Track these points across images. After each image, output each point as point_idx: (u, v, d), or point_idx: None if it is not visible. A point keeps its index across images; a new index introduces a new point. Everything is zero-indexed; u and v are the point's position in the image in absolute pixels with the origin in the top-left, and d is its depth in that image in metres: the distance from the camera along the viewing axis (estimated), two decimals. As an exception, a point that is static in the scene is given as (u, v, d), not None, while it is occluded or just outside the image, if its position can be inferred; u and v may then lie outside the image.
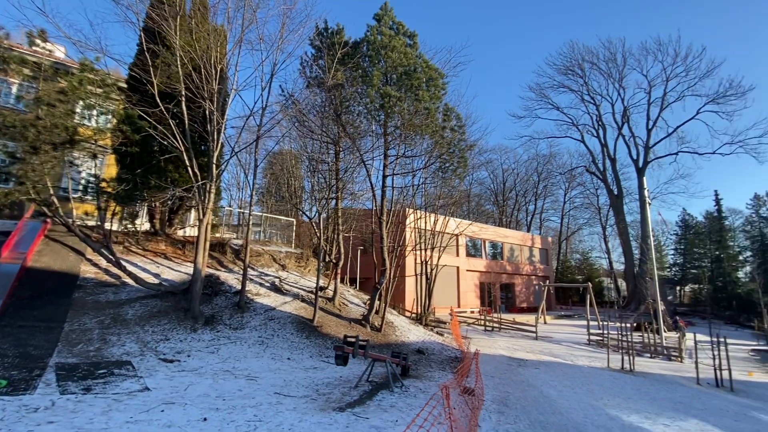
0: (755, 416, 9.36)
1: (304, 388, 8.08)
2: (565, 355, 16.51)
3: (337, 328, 14.31)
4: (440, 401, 4.43)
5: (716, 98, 38.32)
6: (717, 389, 12.19)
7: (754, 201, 45.15)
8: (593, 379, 12.17)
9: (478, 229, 33.85)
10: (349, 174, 16.00)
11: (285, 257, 19.80)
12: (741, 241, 46.09)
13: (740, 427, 8.28)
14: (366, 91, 13.05)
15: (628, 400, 9.80)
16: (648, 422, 7.89)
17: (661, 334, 19.22)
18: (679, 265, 48.97)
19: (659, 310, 19.42)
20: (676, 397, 10.64)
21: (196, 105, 13.05)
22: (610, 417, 8.03)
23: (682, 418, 8.44)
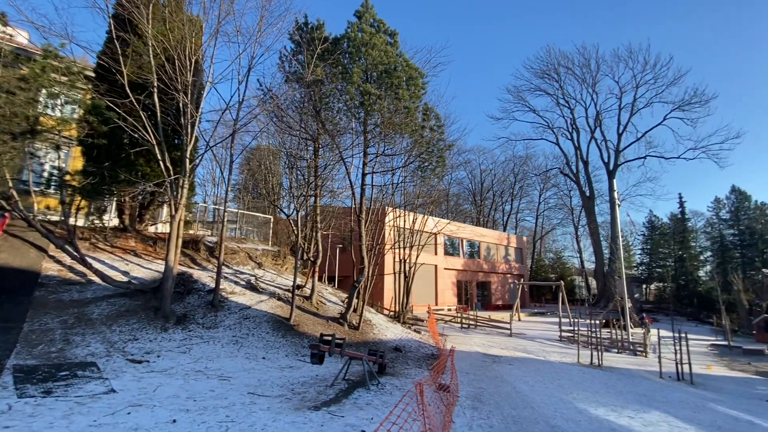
0: (713, 407, 9.91)
1: (279, 388, 7.96)
2: (537, 351, 16.97)
3: (315, 326, 14.19)
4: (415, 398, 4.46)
5: (682, 105, 40.25)
6: (678, 382, 12.83)
7: (715, 204, 47.83)
8: (564, 374, 12.56)
9: (456, 228, 34.31)
10: (328, 171, 15.88)
11: (261, 255, 19.46)
12: (702, 242, 48.69)
13: (699, 418, 8.74)
14: (346, 88, 12.94)
15: (596, 393, 10.17)
16: (614, 415, 8.22)
17: (627, 330, 20.05)
18: (646, 264, 51.25)
19: (626, 307, 20.26)
20: (640, 390, 11.13)
21: (169, 97, 12.61)
22: (579, 410, 8.32)
23: (645, 411, 8.83)
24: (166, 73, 12.25)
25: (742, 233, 44.26)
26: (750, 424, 8.61)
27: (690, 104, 39.83)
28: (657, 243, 49.83)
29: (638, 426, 7.57)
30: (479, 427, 6.54)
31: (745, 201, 45.15)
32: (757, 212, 44.14)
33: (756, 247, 42.18)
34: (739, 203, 45.38)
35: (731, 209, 45.92)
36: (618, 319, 22.00)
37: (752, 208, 44.59)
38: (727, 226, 46.09)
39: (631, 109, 42.57)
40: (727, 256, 44.23)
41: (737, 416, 9.21)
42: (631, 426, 7.52)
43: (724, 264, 42.86)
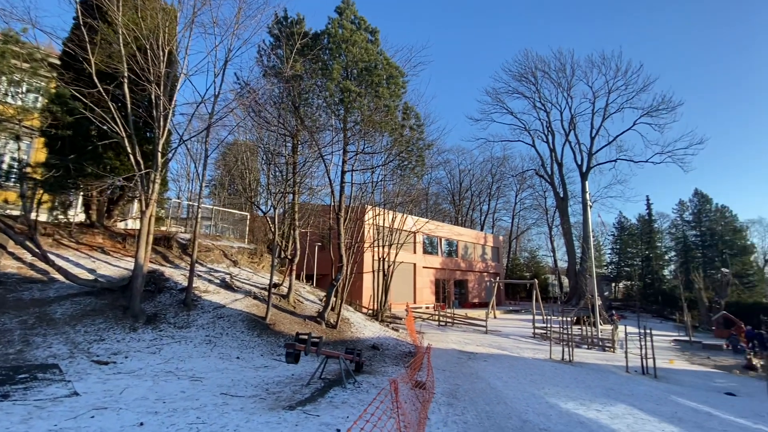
0: (674, 400, 10.40)
1: (254, 388, 7.82)
2: (512, 347, 17.36)
3: (291, 325, 14.01)
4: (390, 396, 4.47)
5: (650, 111, 42.04)
6: (643, 376, 13.40)
7: (679, 206, 50.23)
8: (536, 369, 12.90)
9: (435, 227, 34.64)
10: (306, 168, 15.67)
11: (237, 253, 19.06)
12: (667, 242, 51.04)
13: (661, 410, 9.16)
14: (325, 84, 12.80)
15: (566, 388, 10.50)
16: (582, 408, 8.51)
17: (597, 327, 20.79)
18: (615, 263, 53.27)
19: (596, 305, 20.99)
20: (608, 384, 11.56)
21: (141, 88, 12.14)
22: (550, 405, 8.56)
23: (612, 404, 9.18)
24: (137, 63, 11.78)
25: (703, 234, 46.68)
26: (708, 416, 9.09)
27: (658, 110, 41.70)
28: (626, 243, 51.90)
29: (605, 419, 7.86)
30: (454, 423, 6.63)
31: (707, 204, 47.61)
32: (717, 215, 46.62)
33: (716, 248, 44.56)
34: (701, 206, 47.82)
35: (694, 211, 48.34)
36: (588, 316, 22.78)
37: (713, 211, 47.07)
38: (690, 228, 48.52)
39: (603, 114, 44.17)
40: (689, 256, 46.55)
41: (697, 408, 9.71)
42: (599, 419, 7.80)
43: (687, 263, 45.09)
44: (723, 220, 45.88)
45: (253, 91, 12.64)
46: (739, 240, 44.22)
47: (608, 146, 44.93)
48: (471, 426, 6.59)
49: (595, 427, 7.22)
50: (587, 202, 25.98)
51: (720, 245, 44.36)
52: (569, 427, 7.10)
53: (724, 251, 43.48)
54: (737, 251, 43.20)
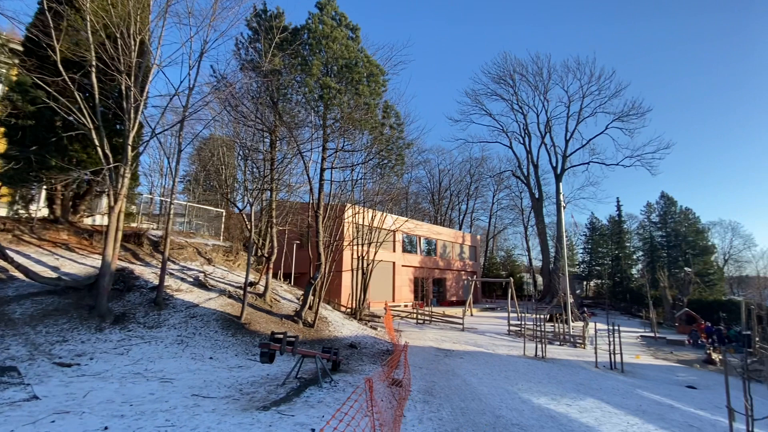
0: (639, 393, 10.86)
1: (227, 389, 7.65)
2: (487, 344, 17.68)
3: (268, 324, 13.79)
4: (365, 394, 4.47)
5: (621, 116, 43.68)
6: (611, 371, 13.93)
7: (646, 208, 52.48)
8: (510, 366, 13.19)
9: (414, 225, 34.85)
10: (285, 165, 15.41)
11: (212, 250, 18.59)
12: (635, 243, 53.19)
13: (627, 403, 9.55)
14: (305, 80, 12.61)
15: (539, 384, 10.79)
16: (554, 403, 8.76)
17: (569, 324, 21.44)
18: (587, 262, 55.13)
19: (568, 302, 21.65)
20: (578, 379, 11.95)
21: (110, 78, 11.63)
22: (523, 400, 8.77)
23: (581, 398, 9.50)
24: (106, 52, 11.27)
25: (668, 235, 48.92)
26: (670, 408, 9.54)
27: (628, 115, 43.37)
28: (597, 243, 53.81)
29: (575, 413, 8.12)
30: (429, 420, 6.69)
31: (672, 206, 49.93)
32: (681, 216, 48.96)
33: (680, 248, 46.80)
34: (667, 208, 50.10)
35: (660, 213, 50.60)
36: (561, 313, 23.49)
37: (678, 213, 49.41)
38: (657, 229, 50.75)
39: (577, 118, 45.57)
40: (655, 256, 48.73)
41: (660, 401, 10.18)
42: (569, 413, 8.05)
43: (653, 263, 47.19)
44: (687, 221, 48.22)
45: (229, 85, 12.31)
46: (701, 241, 46.61)
47: (582, 149, 46.48)
48: (446, 422, 6.67)
49: (565, 421, 7.44)
50: (561, 203, 26.73)
51: (683, 245, 46.60)
52: (540, 421, 7.29)
53: (687, 251, 45.72)
54: (699, 251, 45.51)
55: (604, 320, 25.57)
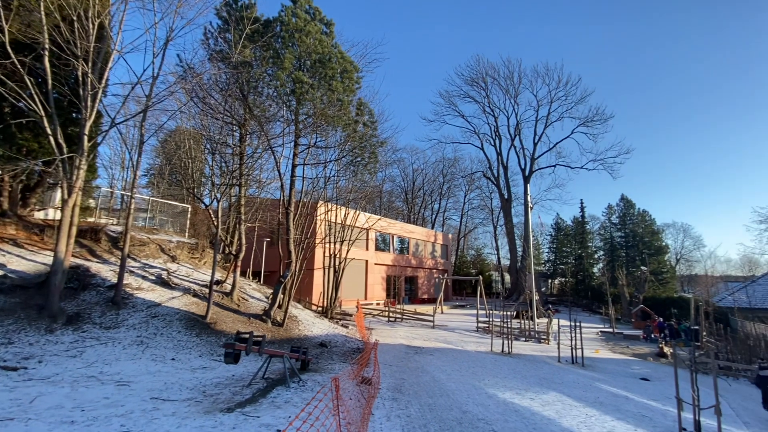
0: (598, 386, 11.38)
1: (189, 391, 7.38)
2: (456, 341, 18.01)
3: (235, 324, 13.42)
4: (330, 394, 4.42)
5: (586, 121, 45.57)
6: (572, 365, 14.52)
7: (608, 210, 55.07)
8: (478, 362, 13.49)
9: (387, 224, 34.95)
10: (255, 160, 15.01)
11: (176, 247, 17.86)
12: (597, 243, 55.72)
13: (586, 395, 9.99)
14: (276, 73, 12.30)
15: (505, 379, 11.09)
16: (518, 397, 9.03)
17: (534, 320, 22.20)
18: (552, 261, 57.25)
19: (534, 300, 22.41)
20: (541, 374, 12.39)
21: (65, 63, 10.90)
22: (489, 395, 8.99)
23: (544, 392, 9.85)
24: (62, 35, 10.56)
25: (627, 236, 51.61)
26: (625, 399, 10.06)
27: (592, 121, 45.32)
28: (561, 243, 56.02)
29: (537, 406, 8.41)
30: (397, 418, 6.72)
31: (631, 208, 52.69)
32: (639, 218, 51.76)
33: (637, 248, 49.49)
34: (626, 210, 52.80)
35: (620, 215, 53.25)
36: (527, 310, 24.27)
37: (636, 215, 52.19)
38: (616, 230, 53.38)
39: (545, 122, 47.14)
40: (615, 255, 51.30)
41: (616, 392, 10.72)
42: (532, 407, 8.32)
43: (613, 262, 49.67)
44: (643, 223, 51.02)
45: (197, 75, 11.82)
46: (656, 241, 49.48)
47: (549, 152, 48.14)
48: (414, 419, 6.72)
49: (528, 415, 7.69)
50: (528, 203, 27.62)
51: (640, 245, 49.31)
52: (505, 415, 7.50)
53: (644, 251, 48.42)
54: (654, 251, 48.31)
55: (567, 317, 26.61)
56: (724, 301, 33.88)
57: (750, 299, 33.07)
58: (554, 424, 7.22)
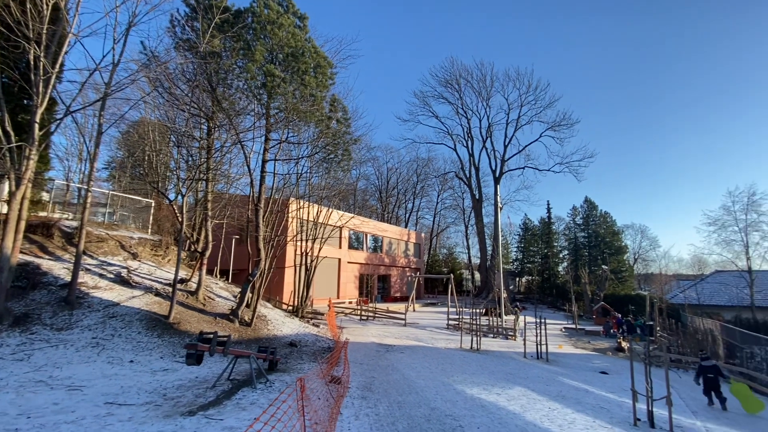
0: (560, 380, 11.82)
1: (148, 394, 7.04)
2: (427, 339, 18.21)
3: (200, 324, 12.95)
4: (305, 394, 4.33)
5: (554, 126, 47.25)
6: (537, 361, 15.02)
7: (572, 211, 57.37)
8: (447, 359, 13.70)
9: (360, 222, 34.82)
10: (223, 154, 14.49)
11: (138, 244, 17.03)
12: (562, 242, 57.95)
13: (549, 389, 10.35)
14: (246, 65, 11.90)
15: (473, 375, 11.31)
16: (485, 393, 9.23)
17: (502, 317, 22.80)
18: (520, 260, 59.09)
19: (502, 297, 23.01)
20: (508, 369, 12.73)
21: (15, 45, 10.10)
22: (457, 391, 9.13)
23: (510, 387, 10.12)
24: (11, 15, 9.78)
25: (590, 236, 53.99)
26: (586, 392, 10.51)
27: (560, 126, 47.06)
28: (529, 242, 57.94)
29: (503, 401, 8.62)
30: (366, 416, 6.69)
31: (594, 210, 55.15)
32: (601, 219, 54.26)
33: (599, 248, 51.87)
34: (589, 211, 55.21)
35: (583, 216, 55.63)
36: (496, 307, 24.89)
37: (598, 216, 54.67)
38: (580, 230, 55.74)
39: (516, 125, 48.49)
40: (578, 255, 53.56)
41: (577, 386, 11.17)
42: (498, 402, 8.53)
43: (576, 261, 51.86)
44: (605, 224, 53.53)
45: (161, 64, 11.26)
46: (616, 242, 52.05)
47: (518, 154, 49.58)
48: (382, 417, 6.72)
49: (494, 409, 7.87)
50: (498, 204, 28.33)
51: (602, 246, 51.72)
52: (472, 411, 7.64)
53: (605, 251, 50.83)
54: (614, 251, 50.82)
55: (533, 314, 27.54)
56: (676, 298, 36.12)
57: (699, 296, 35.42)
58: (519, 419, 7.42)
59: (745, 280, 32.18)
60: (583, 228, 55.04)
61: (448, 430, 6.40)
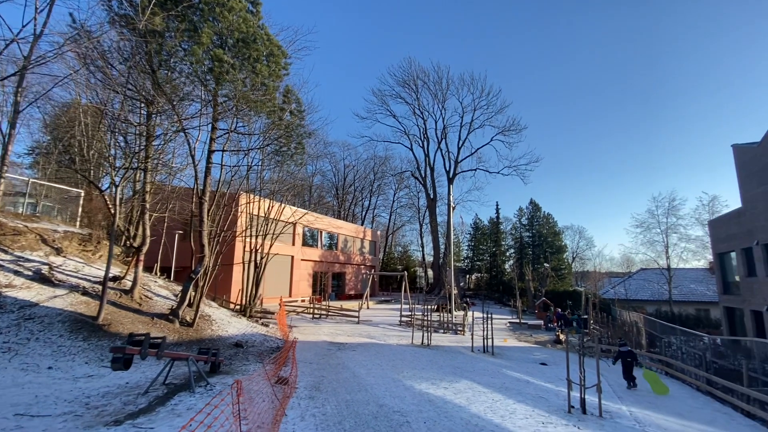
0: (504, 372, 12.36)
1: (68, 404, 6.34)
2: (380, 336, 18.27)
3: (134, 325, 11.96)
4: (242, 397, 4.07)
5: (504, 130, 49.37)
6: (484, 354, 15.62)
7: (518, 212, 60.62)
8: (399, 355, 13.82)
9: (314, 218, 34.19)
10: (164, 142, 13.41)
11: (64, 238, 15.38)
12: (509, 242, 60.98)
13: (493, 381, 10.78)
14: (192, 48, 11.08)
15: (422, 370, 11.49)
16: (433, 387, 9.40)
17: (452, 313, 23.48)
18: (470, 258, 61.39)
19: (453, 293, 23.70)
20: (456, 363, 13.10)
21: None
22: (406, 387, 9.21)
23: (457, 380, 10.40)
24: None
25: (534, 236, 57.34)
26: (527, 383, 11.07)
27: (509, 130, 49.27)
28: (479, 241, 60.39)
29: (450, 395, 8.83)
30: (312, 417, 6.52)
31: (538, 211, 58.63)
32: (544, 220, 57.83)
33: (542, 247, 55.26)
34: (534, 212, 58.62)
35: (528, 217, 58.96)
36: (446, 303, 25.58)
37: (542, 217, 58.20)
38: (525, 230, 59.00)
39: (469, 128, 50.08)
40: (523, 253, 56.67)
41: (519, 377, 11.74)
42: (445, 396, 8.71)
43: (521, 259, 54.85)
44: (548, 225, 57.11)
45: (93, 39, 10.15)
46: (557, 241, 55.78)
47: (471, 157, 51.28)
48: (329, 417, 6.58)
49: (441, 404, 8.02)
50: (451, 204, 29.12)
51: (544, 245, 55.15)
52: (420, 406, 7.73)
53: (547, 250, 54.27)
54: (555, 250, 54.43)
55: (481, 309, 28.62)
56: (608, 293, 39.42)
57: (627, 292, 38.93)
58: (464, 411, 7.62)
59: (665, 277, 35.90)
60: (528, 228, 58.28)
61: (395, 426, 6.41)
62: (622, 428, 7.44)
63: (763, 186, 17.19)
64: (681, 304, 33.97)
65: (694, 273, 40.05)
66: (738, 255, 19.72)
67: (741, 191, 19.23)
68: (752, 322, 18.25)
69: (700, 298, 34.60)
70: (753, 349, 13.99)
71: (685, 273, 39.50)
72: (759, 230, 17.48)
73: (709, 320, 30.53)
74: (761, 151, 17.34)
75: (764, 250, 17.14)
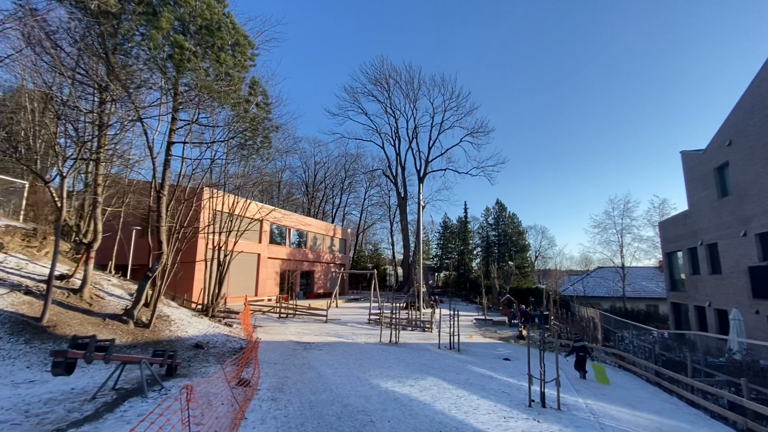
0: (469, 368, 12.58)
1: (5, 411, 5.82)
2: (348, 334, 18.13)
3: (84, 327, 11.18)
4: (191, 401, 3.85)
5: (473, 132, 50.41)
6: (450, 351, 15.84)
7: (485, 212, 62.24)
8: (366, 353, 13.75)
9: (282, 215, 33.46)
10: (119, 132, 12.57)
11: (5, 233, 14.16)
12: (476, 240, 62.48)
13: (459, 378, 10.93)
14: (150, 32, 10.41)
15: (389, 368, 11.49)
16: (399, 385, 9.41)
17: (420, 311, 23.71)
18: (439, 256, 62.38)
19: (421, 291, 23.93)
20: (422, 360, 13.20)
21: None
22: (372, 386, 9.16)
23: (423, 378, 10.47)
24: None
25: (500, 235, 59.11)
26: (490, 378, 11.32)
27: (478, 132, 50.37)
28: (447, 240, 61.51)
29: (416, 392, 8.86)
30: (273, 419, 6.32)
31: (504, 211, 60.46)
32: (509, 220, 59.73)
33: (507, 246, 57.05)
34: (500, 212, 60.39)
35: (495, 217, 60.69)
36: (415, 301, 25.80)
37: (507, 217, 60.06)
38: (492, 229, 60.71)
39: (439, 128, 50.73)
40: (489, 252, 58.32)
41: (483, 373, 11.99)
42: (411, 393, 8.74)
43: (488, 257, 56.43)
44: (513, 224, 59.01)
45: (37, 16, 9.33)
46: (521, 240, 57.78)
47: (441, 157, 52.01)
48: (291, 419, 6.41)
49: (406, 401, 8.03)
50: (421, 203, 29.39)
51: (509, 244, 56.96)
52: (385, 404, 7.70)
53: (512, 248, 56.08)
54: (519, 249, 56.37)
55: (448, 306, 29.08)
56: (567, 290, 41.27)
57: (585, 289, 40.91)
58: (429, 409, 7.67)
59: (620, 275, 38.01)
60: (494, 227, 59.94)
61: (359, 426, 6.33)
62: (579, 420, 7.74)
63: (707, 190, 18.52)
64: (633, 301, 36.14)
65: (645, 271, 42.72)
66: (684, 254, 21.17)
67: (688, 195, 20.65)
68: (696, 317, 19.67)
69: (651, 294, 36.98)
70: (696, 342, 15.07)
71: (637, 271, 42.05)
72: (703, 231, 18.84)
73: (658, 315, 32.69)
74: (706, 158, 18.66)
75: (707, 250, 18.48)
